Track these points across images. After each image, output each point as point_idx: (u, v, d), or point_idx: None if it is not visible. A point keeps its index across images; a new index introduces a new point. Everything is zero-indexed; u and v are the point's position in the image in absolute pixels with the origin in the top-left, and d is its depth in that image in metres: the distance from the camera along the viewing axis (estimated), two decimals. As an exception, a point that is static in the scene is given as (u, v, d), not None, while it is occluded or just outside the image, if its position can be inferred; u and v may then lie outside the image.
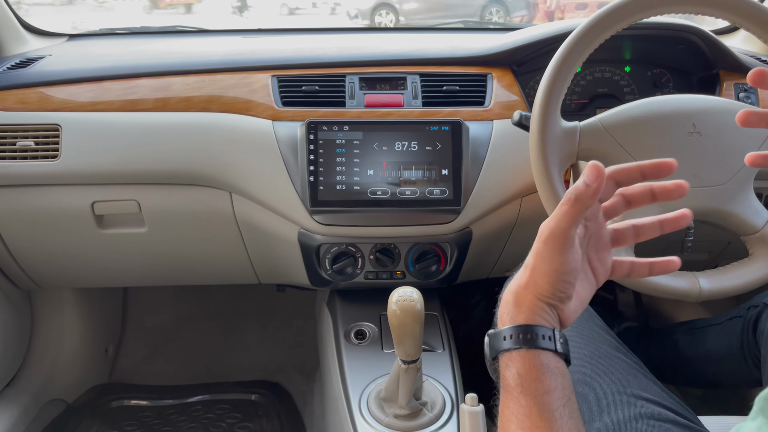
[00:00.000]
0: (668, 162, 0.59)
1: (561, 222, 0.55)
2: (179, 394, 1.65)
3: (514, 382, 0.54)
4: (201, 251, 1.29)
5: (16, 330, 1.47)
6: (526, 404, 0.52)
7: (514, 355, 0.55)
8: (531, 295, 0.57)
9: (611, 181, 0.59)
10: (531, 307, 0.56)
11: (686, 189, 0.59)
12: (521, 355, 0.54)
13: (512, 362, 0.55)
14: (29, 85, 1.17)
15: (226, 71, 1.18)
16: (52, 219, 1.19)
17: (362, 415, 1.00)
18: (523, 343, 0.54)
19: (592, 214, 0.60)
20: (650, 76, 1.28)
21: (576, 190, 0.54)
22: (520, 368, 0.54)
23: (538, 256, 0.57)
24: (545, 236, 0.56)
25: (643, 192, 0.60)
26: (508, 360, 0.55)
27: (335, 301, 1.30)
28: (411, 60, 1.21)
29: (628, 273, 0.63)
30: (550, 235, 0.56)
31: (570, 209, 0.54)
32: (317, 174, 1.06)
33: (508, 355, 0.55)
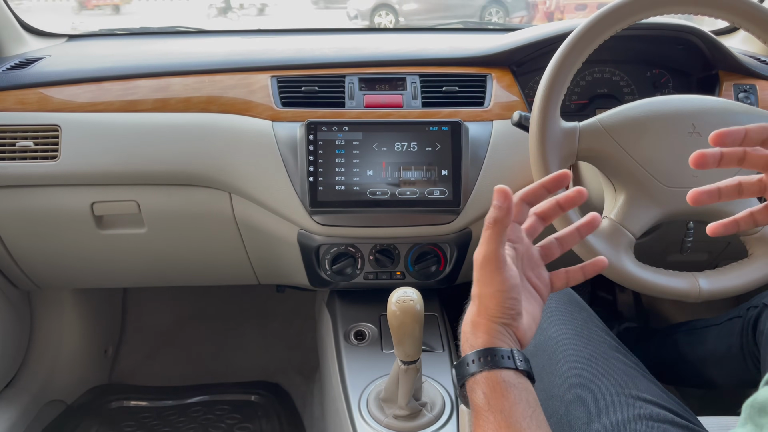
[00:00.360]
0: (564, 173, 0.65)
1: (489, 245, 0.59)
2: (179, 394, 1.65)
3: (481, 402, 0.57)
4: (200, 252, 1.29)
5: (16, 331, 1.47)
6: (494, 420, 0.55)
7: (478, 377, 0.58)
8: (485, 320, 0.60)
9: (523, 203, 0.65)
10: (487, 331, 0.60)
11: (585, 194, 0.65)
12: (484, 376, 0.57)
13: (477, 385, 0.58)
14: (29, 85, 1.17)
15: (226, 72, 1.18)
16: (51, 220, 1.19)
17: (362, 416, 1.00)
18: (485, 365, 0.58)
19: (515, 236, 0.65)
20: (650, 76, 1.28)
21: (491, 214, 0.59)
22: (485, 388, 0.57)
23: (480, 282, 0.60)
24: (480, 262, 0.60)
25: (552, 206, 0.66)
26: (473, 384, 0.58)
27: (335, 301, 1.30)
28: (410, 60, 1.21)
29: (566, 282, 0.68)
30: (483, 259, 0.60)
31: (492, 232, 0.59)
32: (317, 174, 1.06)
33: (473, 379, 0.58)
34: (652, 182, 0.90)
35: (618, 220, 0.90)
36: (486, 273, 0.60)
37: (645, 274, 0.90)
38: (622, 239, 0.90)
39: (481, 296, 0.60)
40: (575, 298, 0.92)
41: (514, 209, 0.59)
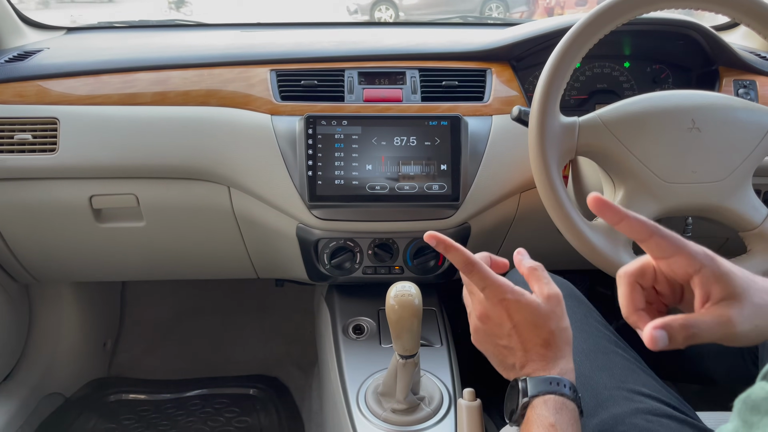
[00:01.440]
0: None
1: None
2: (177, 388, 1.66)
3: (551, 417, 0.61)
4: (199, 246, 1.29)
5: (14, 324, 1.47)
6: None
7: (555, 397, 0.63)
8: (563, 352, 0.67)
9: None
10: (565, 360, 0.67)
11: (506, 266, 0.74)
12: (561, 399, 0.63)
13: (552, 402, 0.62)
14: (27, 78, 1.16)
15: (225, 65, 1.18)
16: (49, 213, 1.19)
17: (360, 410, 1.00)
18: (557, 390, 0.63)
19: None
20: (649, 71, 1.27)
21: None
22: (558, 407, 0.62)
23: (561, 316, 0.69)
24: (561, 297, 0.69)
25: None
26: (549, 400, 0.63)
27: (333, 295, 1.30)
28: (410, 55, 1.21)
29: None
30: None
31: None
32: (316, 168, 1.06)
33: (551, 396, 0.63)
34: (651, 178, 0.90)
35: None
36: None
37: (644, 270, 0.90)
38: (620, 235, 0.90)
39: (562, 329, 0.67)
40: (575, 292, 0.92)
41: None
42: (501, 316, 0.67)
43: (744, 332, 0.54)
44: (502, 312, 0.67)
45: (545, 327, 0.66)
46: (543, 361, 0.65)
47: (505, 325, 0.67)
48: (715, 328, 0.53)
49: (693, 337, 0.53)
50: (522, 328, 0.66)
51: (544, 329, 0.66)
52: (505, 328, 0.67)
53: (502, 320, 0.67)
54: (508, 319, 0.67)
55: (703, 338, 0.54)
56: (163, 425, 1.52)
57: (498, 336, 0.69)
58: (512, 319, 0.67)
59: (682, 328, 0.53)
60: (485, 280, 0.67)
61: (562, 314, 0.68)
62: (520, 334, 0.67)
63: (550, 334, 0.66)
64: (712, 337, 0.54)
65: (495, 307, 0.68)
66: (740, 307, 0.54)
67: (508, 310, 0.67)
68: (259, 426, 1.51)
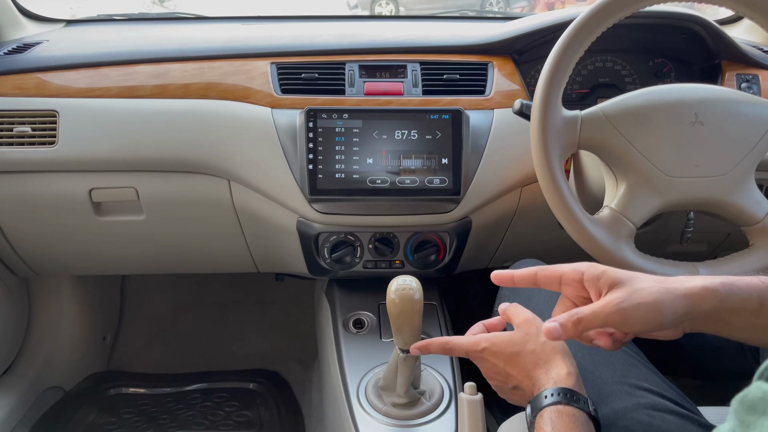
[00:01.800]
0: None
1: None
2: (177, 382, 1.66)
3: (547, 428, 0.62)
4: (199, 239, 1.28)
5: (14, 317, 1.46)
6: None
7: (553, 409, 0.64)
8: (574, 368, 0.69)
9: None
10: (574, 375, 0.68)
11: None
12: (559, 409, 0.64)
13: (550, 414, 0.64)
14: (26, 70, 1.16)
15: (225, 58, 1.17)
16: (49, 206, 1.18)
17: (360, 404, 1.00)
18: (563, 400, 0.64)
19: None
20: (652, 65, 1.27)
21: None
22: (554, 417, 0.63)
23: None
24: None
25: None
26: (547, 413, 0.64)
27: (334, 290, 1.30)
28: (411, 48, 1.20)
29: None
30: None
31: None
32: (316, 162, 1.05)
33: (548, 409, 0.64)
34: (653, 172, 0.89)
35: (619, 210, 0.90)
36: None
37: (645, 264, 0.90)
38: (622, 229, 0.89)
39: (543, 343, 0.71)
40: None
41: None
42: (492, 364, 0.74)
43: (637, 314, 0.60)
44: (489, 361, 0.74)
45: (525, 350, 0.71)
46: (537, 382, 0.68)
47: (500, 370, 0.73)
48: (603, 314, 0.61)
49: (580, 323, 0.61)
50: (510, 363, 0.72)
51: (525, 353, 0.71)
52: (501, 372, 0.73)
53: (495, 367, 0.73)
54: (497, 362, 0.73)
55: (592, 324, 0.62)
56: (162, 419, 1.52)
57: (504, 383, 0.74)
58: (500, 361, 0.72)
59: (568, 318, 0.62)
60: (461, 347, 0.76)
61: (538, 331, 0.72)
62: (513, 368, 0.71)
63: (533, 354, 0.70)
64: (607, 322, 0.61)
65: (484, 361, 0.74)
66: (622, 290, 0.61)
67: (492, 357, 0.73)
68: (259, 420, 1.51)
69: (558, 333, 0.62)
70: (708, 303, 0.60)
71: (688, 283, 0.61)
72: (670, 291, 0.60)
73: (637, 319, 0.60)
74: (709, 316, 0.60)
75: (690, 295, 0.60)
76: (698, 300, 0.60)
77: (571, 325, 0.61)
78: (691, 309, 0.60)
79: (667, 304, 0.60)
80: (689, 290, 0.60)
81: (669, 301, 0.60)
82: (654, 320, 0.60)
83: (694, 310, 0.60)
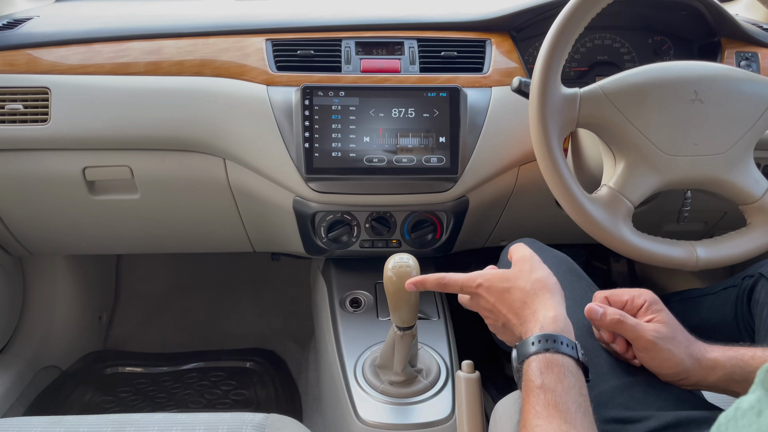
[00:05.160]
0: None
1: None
2: (174, 361, 1.66)
3: (536, 379, 0.61)
4: (195, 219, 1.28)
5: (9, 297, 1.46)
6: (544, 398, 0.59)
7: (540, 357, 0.63)
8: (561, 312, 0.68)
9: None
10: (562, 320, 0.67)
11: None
12: (546, 357, 0.62)
13: (536, 363, 0.62)
14: (17, 46, 1.14)
15: (220, 34, 1.15)
16: (42, 185, 1.17)
17: (357, 382, 1.00)
18: (549, 347, 0.63)
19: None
20: (650, 43, 1.26)
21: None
22: (542, 367, 0.62)
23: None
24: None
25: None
26: (533, 362, 0.63)
27: (330, 269, 1.30)
28: (408, 24, 1.19)
29: None
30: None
31: None
32: (312, 140, 1.04)
33: (534, 358, 0.63)
34: (652, 150, 0.89)
35: (617, 188, 0.89)
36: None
37: (643, 243, 0.90)
38: (620, 207, 0.89)
39: (534, 281, 0.70)
40: (574, 267, 0.92)
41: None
42: (485, 302, 0.73)
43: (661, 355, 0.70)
44: (483, 297, 0.73)
45: (516, 286, 0.70)
46: (525, 324, 0.68)
47: (491, 307, 0.72)
48: (640, 332, 0.70)
49: (620, 326, 0.70)
50: (501, 300, 0.71)
51: (515, 290, 0.70)
52: (493, 309, 0.72)
53: (488, 304, 0.73)
54: (489, 298, 0.72)
55: (626, 333, 0.71)
56: (159, 398, 1.53)
57: (495, 320, 0.74)
58: (492, 297, 0.72)
59: (613, 314, 0.70)
60: (457, 283, 0.75)
61: (532, 269, 0.72)
62: (503, 306, 0.71)
63: (522, 292, 0.70)
64: (636, 340, 0.70)
65: (479, 297, 0.74)
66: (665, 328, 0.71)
67: (486, 292, 0.72)
68: (256, 399, 1.52)
69: (597, 316, 0.70)
70: (716, 375, 0.69)
71: (707, 354, 0.70)
72: (692, 356, 0.70)
73: (658, 358, 0.69)
74: (715, 386, 0.70)
75: (705, 367, 0.69)
76: (709, 371, 0.69)
77: (610, 320, 0.70)
78: (701, 379, 0.70)
79: (686, 366, 0.69)
80: (706, 361, 0.70)
81: (690, 365, 0.69)
82: (668, 369, 0.69)
83: (703, 381, 0.70)
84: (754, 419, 0.38)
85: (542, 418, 0.57)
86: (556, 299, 0.69)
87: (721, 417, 0.42)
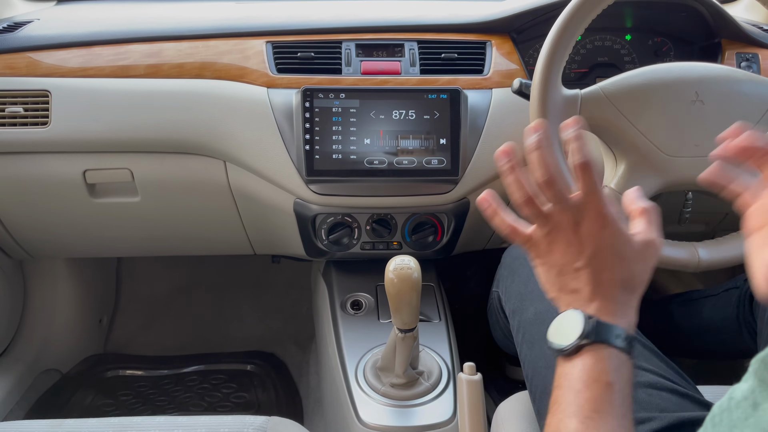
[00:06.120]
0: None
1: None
2: (174, 364, 1.66)
3: (611, 375, 0.54)
4: (195, 221, 1.27)
5: (9, 300, 1.46)
6: (609, 398, 0.53)
7: (619, 354, 0.55)
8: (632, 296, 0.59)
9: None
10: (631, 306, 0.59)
11: None
12: (623, 356, 0.56)
13: (615, 358, 0.55)
14: (17, 49, 1.14)
15: (220, 37, 1.15)
16: (43, 187, 1.17)
17: (359, 385, 1.00)
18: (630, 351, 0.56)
19: None
20: (651, 44, 1.26)
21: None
22: (619, 365, 0.55)
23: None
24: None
25: None
26: (612, 355, 0.55)
27: (331, 271, 1.30)
28: (409, 26, 1.19)
29: None
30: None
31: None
32: (313, 143, 1.04)
33: (613, 351, 0.55)
34: (653, 151, 0.89)
35: (618, 190, 0.89)
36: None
37: (644, 244, 0.89)
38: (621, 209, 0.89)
39: (643, 281, 0.60)
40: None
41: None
42: (589, 231, 0.59)
43: None
44: (592, 226, 0.59)
45: (629, 266, 0.59)
46: (614, 304, 0.57)
47: (587, 245, 0.58)
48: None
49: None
50: (605, 255, 0.58)
51: (626, 268, 0.58)
52: (587, 248, 0.58)
53: (587, 237, 0.59)
54: (595, 238, 0.58)
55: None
56: (160, 401, 1.52)
57: (574, 254, 0.59)
58: (598, 241, 0.58)
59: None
60: (595, 186, 0.60)
61: (650, 267, 0.60)
62: (600, 261, 0.58)
63: (631, 277, 0.59)
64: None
65: (589, 221, 0.59)
66: None
67: (601, 228, 0.58)
68: (257, 401, 1.51)
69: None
70: None
71: None
72: None
73: None
74: None
75: None
76: None
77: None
78: None
79: None
80: None
81: None
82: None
83: None
84: (750, 411, 0.37)
85: (593, 421, 0.51)
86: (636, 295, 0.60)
87: (714, 407, 0.41)
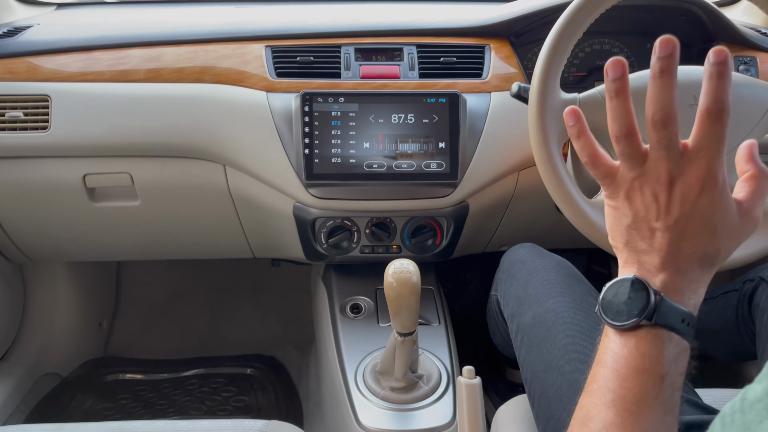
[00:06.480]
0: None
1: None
2: (174, 367, 1.66)
3: (667, 366, 0.49)
4: (195, 225, 1.28)
5: (9, 304, 1.46)
6: (662, 391, 0.49)
7: (680, 340, 0.50)
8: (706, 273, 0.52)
9: None
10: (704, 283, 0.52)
11: None
12: (683, 342, 0.50)
13: (676, 344, 0.49)
14: (17, 54, 1.14)
15: (219, 41, 1.16)
16: (43, 192, 1.17)
17: (358, 388, 1.00)
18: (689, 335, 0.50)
19: None
20: (649, 48, 1.25)
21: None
22: (679, 353, 0.50)
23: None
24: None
25: None
26: (672, 338, 0.49)
27: (330, 275, 1.30)
28: (407, 30, 1.19)
29: None
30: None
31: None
32: (312, 147, 1.05)
33: (673, 335, 0.50)
34: (651, 155, 0.89)
35: None
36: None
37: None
38: None
39: (722, 258, 0.52)
40: (574, 271, 0.92)
41: None
42: (684, 192, 0.50)
43: None
44: (691, 188, 0.50)
45: (716, 241, 0.51)
46: (684, 280, 0.50)
47: (675, 207, 0.51)
48: None
49: None
50: (692, 224, 0.50)
51: (712, 243, 0.51)
52: (674, 210, 0.51)
53: (678, 198, 0.51)
54: (688, 202, 0.50)
55: None
56: (160, 404, 1.52)
57: (657, 211, 0.52)
58: (690, 207, 0.50)
59: None
60: (718, 142, 0.50)
61: (739, 244, 0.53)
62: (684, 229, 0.50)
63: (714, 253, 0.51)
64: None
65: (688, 180, 0.50)
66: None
67: (700, 193, 0.50)
68: (257, 405, 1.51)
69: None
70: None
71: None
72: None
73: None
74: None
75: None
76: None
77: None
78: None
79: None
80: None
81: None
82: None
83: None
84: (765, 414, 0.36)
85: (633, 415, 0.48)
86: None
87: (725, 408, 0.39)
